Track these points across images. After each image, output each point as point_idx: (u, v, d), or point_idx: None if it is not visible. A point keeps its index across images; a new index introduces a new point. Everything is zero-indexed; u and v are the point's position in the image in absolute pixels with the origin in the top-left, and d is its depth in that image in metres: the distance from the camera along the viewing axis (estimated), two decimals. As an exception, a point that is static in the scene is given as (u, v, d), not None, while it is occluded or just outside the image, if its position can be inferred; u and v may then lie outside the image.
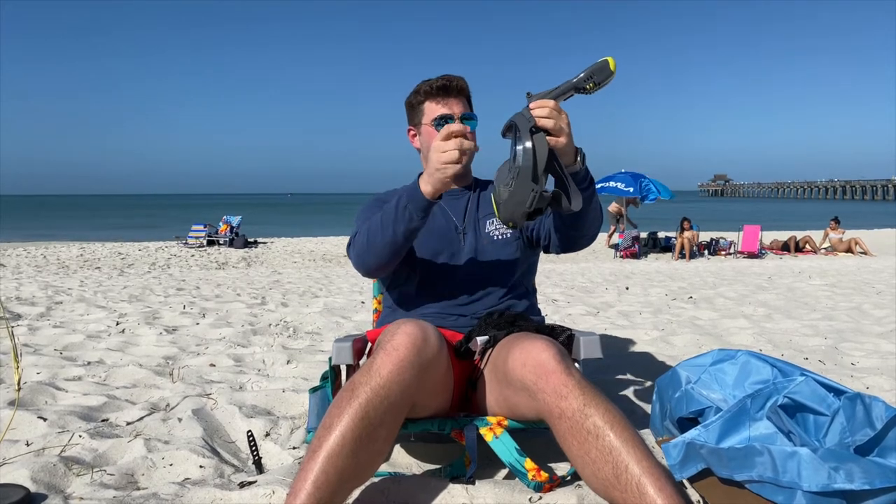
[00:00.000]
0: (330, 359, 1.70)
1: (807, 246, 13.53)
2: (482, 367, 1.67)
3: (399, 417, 1.39)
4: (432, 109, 1.80)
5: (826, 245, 13.84)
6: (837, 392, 1.43)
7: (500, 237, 1.84)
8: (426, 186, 1.52)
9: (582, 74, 1.43)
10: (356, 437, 1.28)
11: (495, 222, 1.86)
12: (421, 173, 1.66)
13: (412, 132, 1.90)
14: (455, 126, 1.48)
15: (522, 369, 1.42)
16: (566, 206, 1.47)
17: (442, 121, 1.77)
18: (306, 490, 1.22)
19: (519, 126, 1.40)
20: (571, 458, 1.34)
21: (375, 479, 1.53)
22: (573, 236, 1.73)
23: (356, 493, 1.46)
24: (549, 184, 1.56)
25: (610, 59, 1.41)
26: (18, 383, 1.62)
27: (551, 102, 1.42)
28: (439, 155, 1.46)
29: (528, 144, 1.37)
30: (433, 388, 1.52)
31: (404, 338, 1.41)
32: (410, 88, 1.86)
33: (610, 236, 14.74)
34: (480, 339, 1.64)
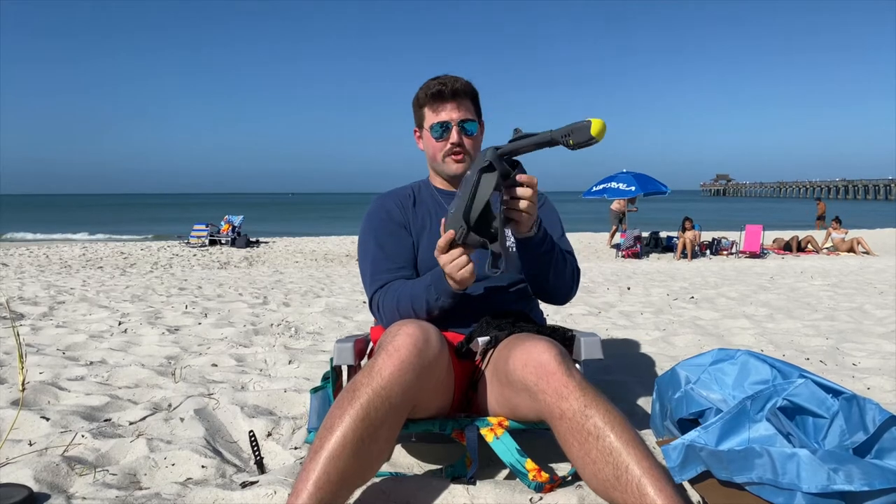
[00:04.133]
0: (331, 359, 1.71)
1: (809, 246, 13.52)
2: (483, 367, 1.67)
3: (400, 418, 1.39)
4: (429, 116, 1.79)
5: (828, 245, 13.82)
6: (836, 393, 1.43)
7: None
8: (453, 284, 1.55)
9: (559, 130, 1.36)
10: (357, 437, 1.28)
11: None
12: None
13: (417, 133, 1.89)
14: (451, 255, 1.49)
15: (523, 370, 1.42)
16: (490, 266, 1.46)
17: (440, 128, 1.76)
18: (308, 490, 1.22)
19: (475, 160, 1.45)
20: (572, 459, 1.35)
21: (377, 480, 1.53)
22: (533, 289, 1.80)
23: (357, 494, 1.47)
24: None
25: (595, 122, 1.26)
26: (23, 383, 1.63)
27: (534, 184, 1.45)
28: (454, 273, 1.50)
29: (473, 180, 1.42)
30: (434, 389, 1.52)
31: (406, 339, 1.41)
32: (411, 88, 1.85)
33: (612, 236, 14.73)
34: (481, 340, 1.64)
